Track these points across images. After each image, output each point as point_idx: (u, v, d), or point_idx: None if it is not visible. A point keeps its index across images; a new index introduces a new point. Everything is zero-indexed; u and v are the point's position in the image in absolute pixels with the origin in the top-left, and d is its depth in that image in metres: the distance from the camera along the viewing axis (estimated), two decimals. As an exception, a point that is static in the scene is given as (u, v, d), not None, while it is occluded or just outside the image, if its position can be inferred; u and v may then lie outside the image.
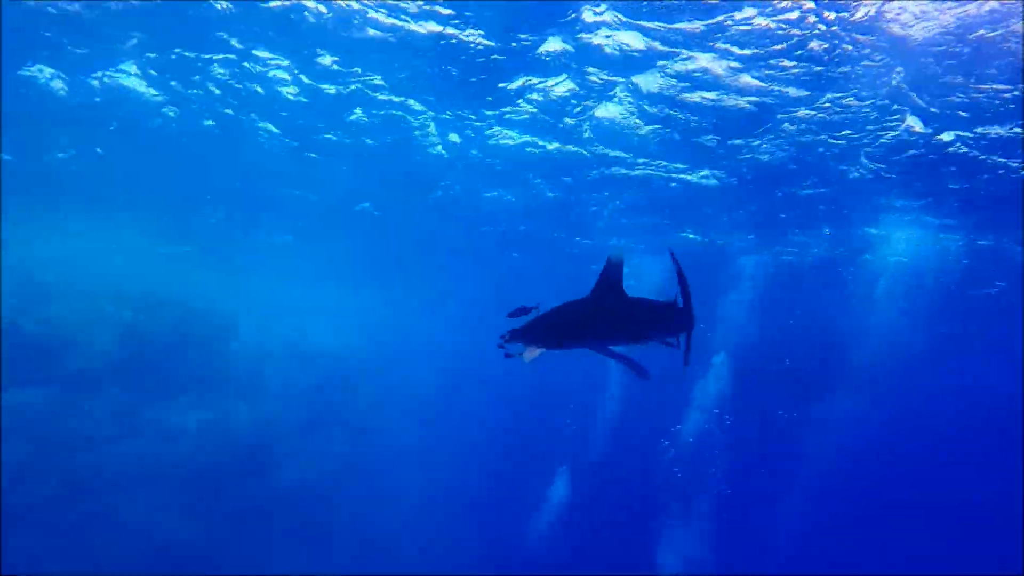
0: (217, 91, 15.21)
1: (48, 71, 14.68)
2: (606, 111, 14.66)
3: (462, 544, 24.68)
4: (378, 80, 14.28)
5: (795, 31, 11.07)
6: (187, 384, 23.75)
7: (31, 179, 21.92)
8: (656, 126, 15.06)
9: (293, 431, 25.10)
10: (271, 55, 13.47)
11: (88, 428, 20.46)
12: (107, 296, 24.13)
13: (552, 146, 16.64)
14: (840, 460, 36.24)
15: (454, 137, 16.74)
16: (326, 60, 13.49)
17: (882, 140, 14.66)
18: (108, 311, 23.54)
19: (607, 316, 5.69)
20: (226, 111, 16.16)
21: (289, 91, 14.93)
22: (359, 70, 13.95)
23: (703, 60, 12.30)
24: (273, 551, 21.03)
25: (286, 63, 13.75)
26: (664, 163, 17.34)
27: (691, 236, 22.50)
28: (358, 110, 15.67)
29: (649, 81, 13.26)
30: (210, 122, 16.88)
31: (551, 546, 25.31)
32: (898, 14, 10.40)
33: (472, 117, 15.49)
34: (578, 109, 14.64)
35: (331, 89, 14.74)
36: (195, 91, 15.28)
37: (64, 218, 26.38)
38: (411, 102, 15.16)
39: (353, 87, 14.57)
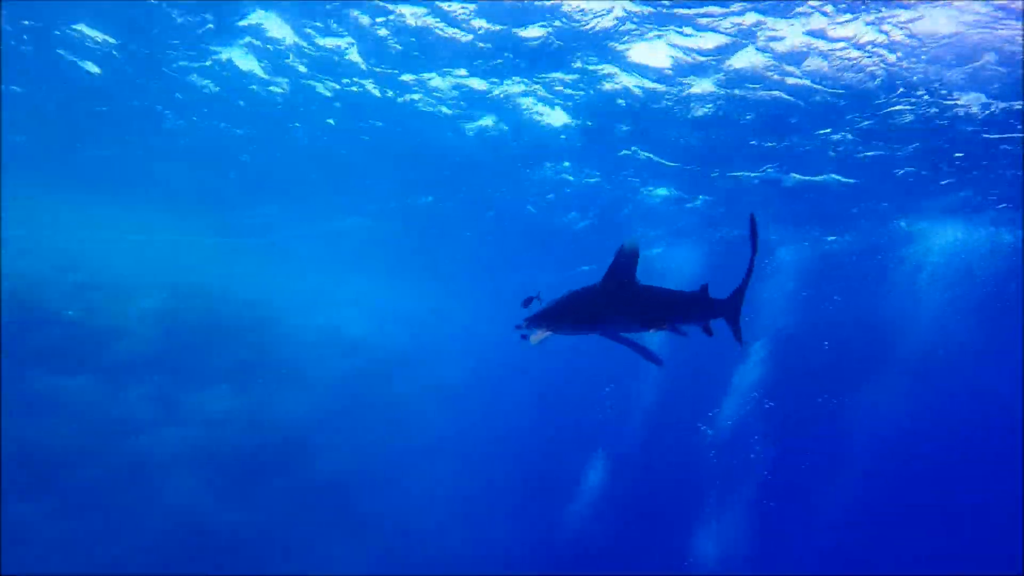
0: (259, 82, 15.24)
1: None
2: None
3: (497, 535, 24.69)
4: (427, 75, 14.20)
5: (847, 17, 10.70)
6: (226, 372, 24.13)
7: (76, 171, 22.36)
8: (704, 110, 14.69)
9: (330, 420, 25.32)
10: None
11: (131, 415, 20.92)
12: (150, 286, 24.61)
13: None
14: (876, 451, 35.46)
15: (501, 125, 16.58)
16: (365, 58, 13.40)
17: (931, 137, 14.17)
18: (150, 300, 24.01)
19: (618, 303, 5.68)
20: (273, 92, 16.03)
21: (329, 87, 14.93)
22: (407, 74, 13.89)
23: (752, 56, 11.99)
24: (309, 538, 21.28)
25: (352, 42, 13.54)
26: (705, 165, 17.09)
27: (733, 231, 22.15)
28: (406, 96, 15.39)
29: (702, 82, 13.04)
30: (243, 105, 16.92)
31: (586, 536, 25.22)
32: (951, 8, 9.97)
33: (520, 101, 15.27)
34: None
35: (372, 86, 14.69)
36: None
37: (109, 209, 26.89)
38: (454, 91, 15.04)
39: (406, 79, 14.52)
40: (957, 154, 14.92)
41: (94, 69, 14.93)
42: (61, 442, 19.18)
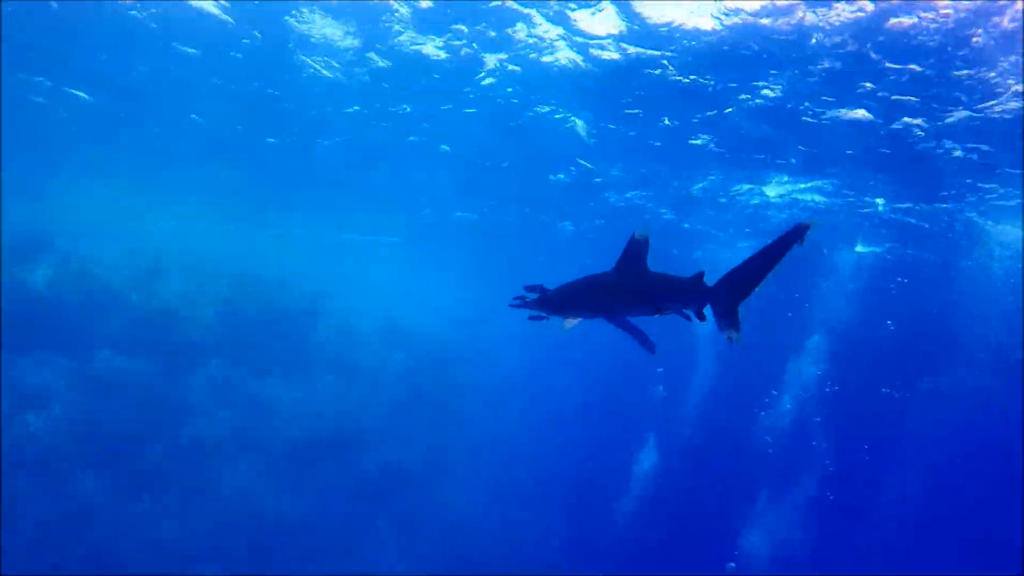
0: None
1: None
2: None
3: (549, 530, 24.49)
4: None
5: None
6: (281, 360, 24.43)
7: (144, 162, 23.02)
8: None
9: (382, 412, 25.38)
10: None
11: (189, 399, 21.37)
12: (212, 273, 25.13)
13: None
14: (936, 451, 34.00)
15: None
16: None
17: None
18: (209, 287, 24.51)
19: (628, 290, 6.12)
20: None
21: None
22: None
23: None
24: (359, 528, 21.37)
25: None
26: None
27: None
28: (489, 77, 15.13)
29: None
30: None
31: (641, 530, 24.86)
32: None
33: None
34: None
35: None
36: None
37: (173, 198, 27.63)
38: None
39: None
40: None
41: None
42: (124, 422, 19.73)
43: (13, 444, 17.85)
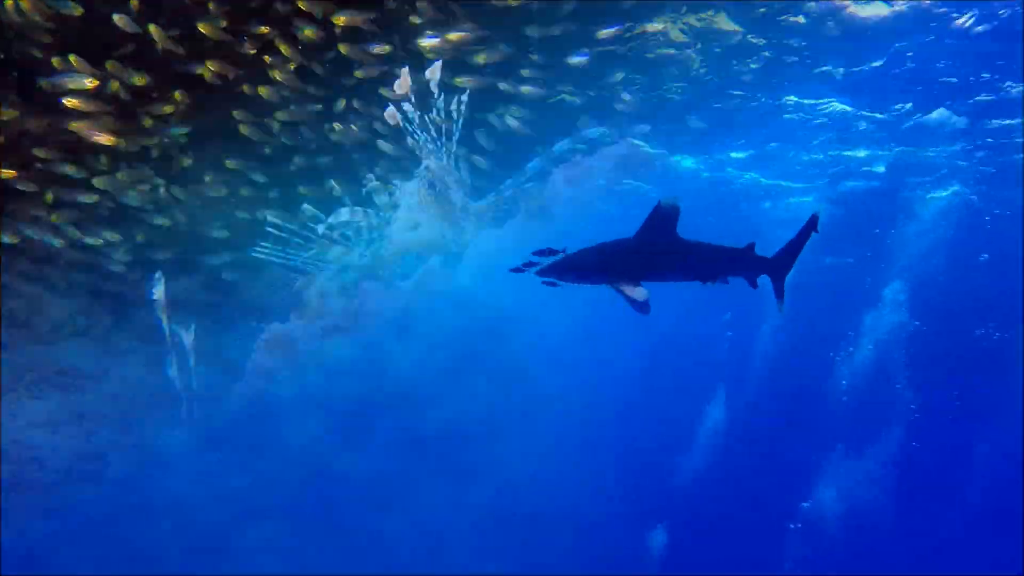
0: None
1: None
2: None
3: (604, 489, 24.54)
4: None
5: None
6: (342, 321, 25.05)
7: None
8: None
9: (440, 373, 25.84)
10: None
11: (254, 358, 22.21)
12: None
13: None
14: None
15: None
16: None
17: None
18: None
19: (658, 257, 6.11)
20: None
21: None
22: None
23: None
24: (418, 483, 21.97)
25: None
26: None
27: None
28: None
29: None
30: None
31: (699, 487, 24.58)
32: None
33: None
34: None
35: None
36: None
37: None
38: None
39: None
40: None
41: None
42: (192, 383, 20.75)
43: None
